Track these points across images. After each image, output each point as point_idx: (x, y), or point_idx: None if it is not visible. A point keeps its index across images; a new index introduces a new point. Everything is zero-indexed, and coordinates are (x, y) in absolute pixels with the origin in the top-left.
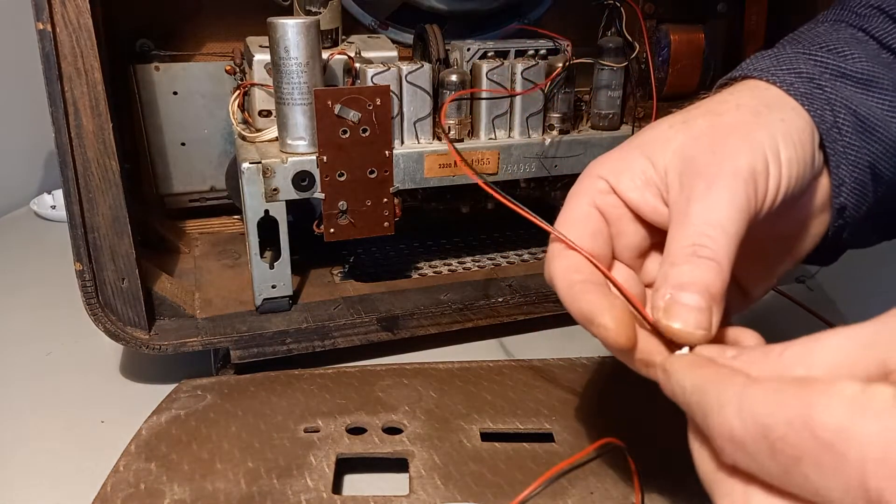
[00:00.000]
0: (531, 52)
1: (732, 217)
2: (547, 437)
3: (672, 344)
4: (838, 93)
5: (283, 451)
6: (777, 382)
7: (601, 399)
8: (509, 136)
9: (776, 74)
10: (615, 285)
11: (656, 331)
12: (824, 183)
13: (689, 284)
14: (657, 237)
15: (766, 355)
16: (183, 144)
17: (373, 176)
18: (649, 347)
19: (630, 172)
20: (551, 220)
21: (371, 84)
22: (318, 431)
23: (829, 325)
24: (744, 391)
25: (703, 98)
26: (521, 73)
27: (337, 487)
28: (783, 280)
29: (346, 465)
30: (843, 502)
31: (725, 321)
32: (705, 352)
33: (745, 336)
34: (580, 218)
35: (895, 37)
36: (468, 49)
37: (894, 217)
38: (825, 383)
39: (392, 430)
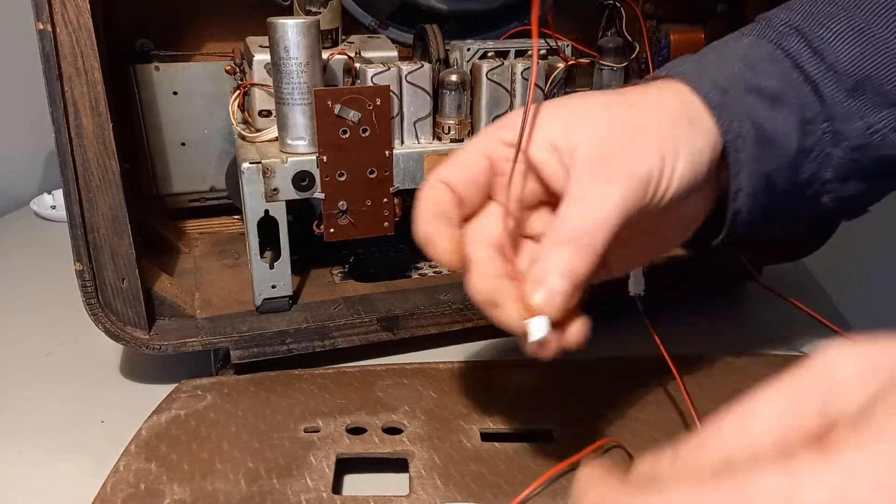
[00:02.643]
0: (531, 52)
1: (618, 213)
2: (547, 437)
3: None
4: (747, 106)
5: (283, 451)
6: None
7: (601, 399)
8: None
9: (695, 81)
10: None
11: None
12: (706, 193)
13: (564, 267)
14: (547, 196)
15: (703, 440)
16: (183, 144)
17: (373, 176)
18: (505, 292)
19: (543, 134)
20: None
21: (371, 84)
22: (318, 431)
23: (830, 326)
24: None
25: (637, 84)
26: (521, 73)
27: (337, 487)
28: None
29: (346, 465)
30: None
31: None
32: (645, 465)
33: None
34: (465, 163)
35: (806, 59)
36: (468, 49)
37: (787, 228)
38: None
39: (392, 430)
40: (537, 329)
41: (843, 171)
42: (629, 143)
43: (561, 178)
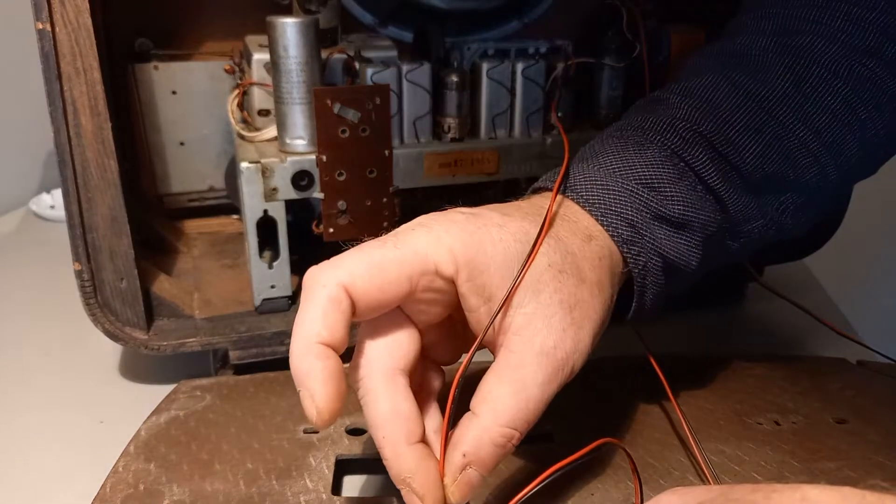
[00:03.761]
0: (531, 51)
1: (543, 408)
2: (546, 438)
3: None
4: (653, 238)
5: (282, 453)
6: None
7: (601, 399)
8: (510, 136)
9: (606, 217)
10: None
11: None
12: None
13: (490, 463)
14: (448, 317)
15: None
16: (182, 144)
17: (372, 175)
18: (422, 474)
19: (486, 279)
20: None
21: (371, 83)
22: (317, 432)
23: (830, 327)
24: None
25: (566, 216)
26: (522, 72)
27: (336, 489)
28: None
29: (346, 467)
30: None
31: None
32: None
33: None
34: (382, 278)
35: (710, 173)
36: (468, 48)
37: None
38: None
39: None
40: None
41: (741, 253)
42: (575, 333)
43: (489, 331)
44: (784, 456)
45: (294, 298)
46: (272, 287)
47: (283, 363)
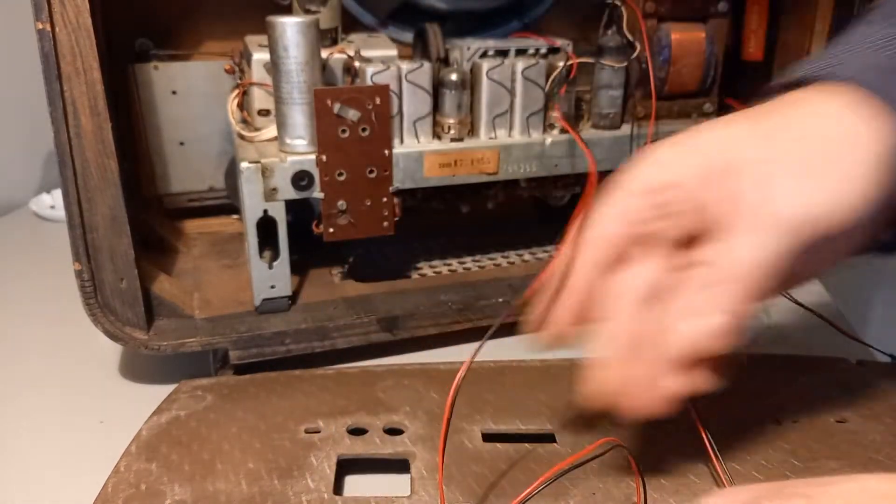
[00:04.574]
0: (531, 51)
1: (782, 256)
2: (549, 438)
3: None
4: None
5: (283, 452)
6: None
7: None
8: (510, 136)
9: (844, 74)
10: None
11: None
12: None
13: (726, 304)
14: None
15: None
16: (182, 144)
17: (372, 175)
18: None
19: (697, 164)
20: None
21: (371, 83)
22: (318, 432)
23: (831, 324)
24: None
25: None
26: (522, 72)
27: (338, 488)
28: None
29: (348, 466)
30: None
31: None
32: None
33: None
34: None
35: None
36: (468, 48)
37: None
38: None
39: (393, 431)
40: None
41: None
42: (801, 169)
43: (724, 208)
44: (785, 455)
45: (294, 298)
46: (272, 287)
47: (283, 363)
